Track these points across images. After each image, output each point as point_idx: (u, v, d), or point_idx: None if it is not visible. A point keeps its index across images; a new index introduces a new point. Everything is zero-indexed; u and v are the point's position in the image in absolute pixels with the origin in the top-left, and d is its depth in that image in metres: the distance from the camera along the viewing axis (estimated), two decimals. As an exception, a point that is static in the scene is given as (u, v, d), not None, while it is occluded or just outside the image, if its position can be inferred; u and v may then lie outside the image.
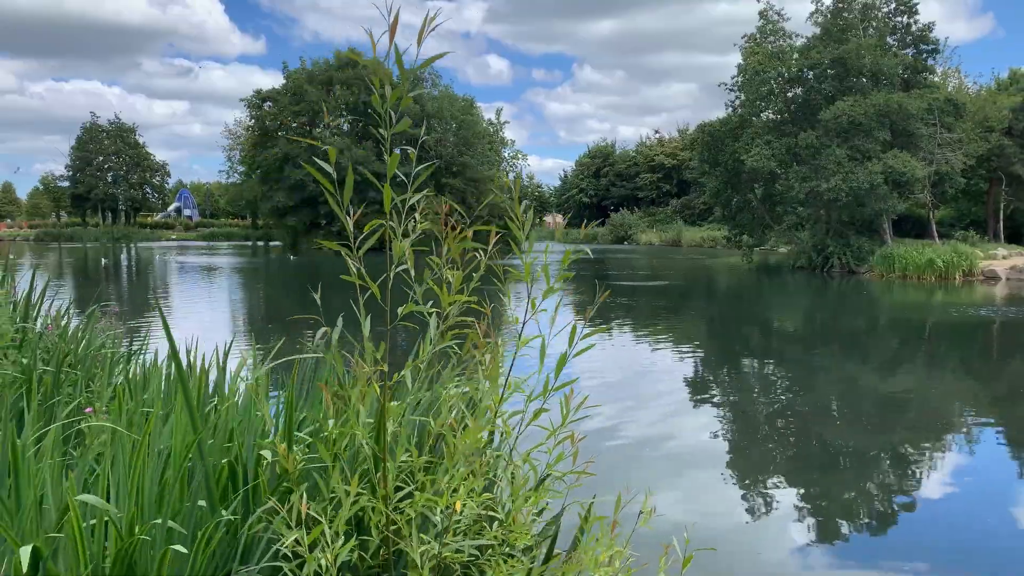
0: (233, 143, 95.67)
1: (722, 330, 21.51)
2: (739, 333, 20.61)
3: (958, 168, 39.60)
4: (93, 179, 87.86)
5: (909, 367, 15.67)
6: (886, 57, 39.83)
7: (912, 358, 16.91)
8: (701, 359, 15.93)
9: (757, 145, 41.14)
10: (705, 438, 9.61)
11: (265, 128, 68.91)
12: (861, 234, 40.18)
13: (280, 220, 70.50)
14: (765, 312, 26.34)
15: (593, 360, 13.26)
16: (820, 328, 22.17)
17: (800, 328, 22.34)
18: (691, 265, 49.39)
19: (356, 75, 68.84)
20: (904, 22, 43.10)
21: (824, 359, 16.24)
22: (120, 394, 4.03)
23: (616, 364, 14.26)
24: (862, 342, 18.78)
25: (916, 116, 38.32)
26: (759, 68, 42.38)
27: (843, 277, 37.74)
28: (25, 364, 4.70)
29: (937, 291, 31.74)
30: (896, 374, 14.85)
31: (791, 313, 26.22)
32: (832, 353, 17.13)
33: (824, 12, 42.53)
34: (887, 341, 19.36)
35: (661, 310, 25.53)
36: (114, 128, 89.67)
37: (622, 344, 17.06)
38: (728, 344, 18.56)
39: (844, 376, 14.32)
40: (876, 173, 36.79)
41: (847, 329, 20.94)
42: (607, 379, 12.75)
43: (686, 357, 15.96)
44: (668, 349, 16.89)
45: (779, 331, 21.73)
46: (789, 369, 15.01)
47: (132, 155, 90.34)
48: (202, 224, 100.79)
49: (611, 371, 13.46)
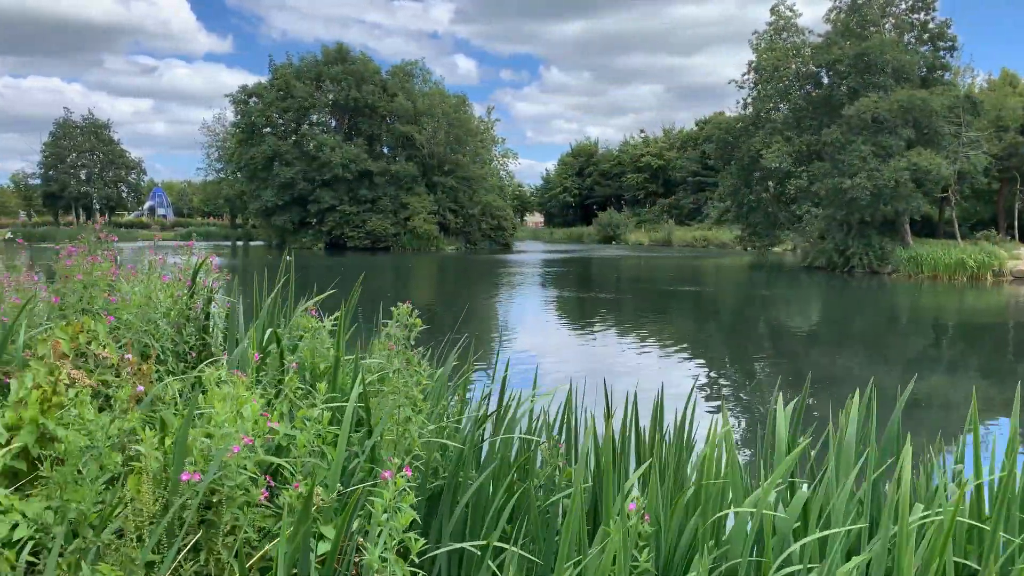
0: (211, 141, 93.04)
1: (820, 347, 20.16)
2: (840, 349, 19.17)
3: (981, 167, 39.09)
4: (66, 176, 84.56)
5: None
6: (907, 54, 39.26)
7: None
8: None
9: (776, 142, 40.31)
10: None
11: (251, 125, 66.64)
12: (882, 234, 39.50)
13: (267, 220, 68.38)
14: (841, 323, 23.18)
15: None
16: (923, 341, 19.90)
17: (895, 341, 20.06)
18: (702, 267, 48.40)
19: (346, 71, 66.99)
20: (921, 19, 42.57)
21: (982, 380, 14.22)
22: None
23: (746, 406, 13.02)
24: (990, 361, 16.81)
25: (939, 113, 37.73)
26: (776, 64, 41.60)
27: (866, 278, 36.95)
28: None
29: (978, 292, 31.07)
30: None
31: (867, 323, 23.29)
32: (966, 374, 15.37)
33: (843, 8, 41.84)
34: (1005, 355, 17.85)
35: (730, 324, 23.32)
36: (88, 124, 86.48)
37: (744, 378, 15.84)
38: (838, 363, 17.37)
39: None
40: (902, 170, 36.10)
41: (946, 341, 19.61)
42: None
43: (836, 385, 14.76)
44: (779, 375, 15.70)
45: (881, 345, 20.19)
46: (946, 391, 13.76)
47: (106, 152, 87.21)
48: (178, 223, 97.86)
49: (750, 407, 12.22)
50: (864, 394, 3.13)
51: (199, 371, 3.52)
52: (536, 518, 2.84)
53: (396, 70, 70.48)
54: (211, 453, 2.52)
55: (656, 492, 2.79)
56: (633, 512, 2.48)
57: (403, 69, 70.89)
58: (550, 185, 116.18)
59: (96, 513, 2.51)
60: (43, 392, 2.99)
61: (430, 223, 65.42)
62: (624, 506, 2.50)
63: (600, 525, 2.65)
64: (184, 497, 2.44)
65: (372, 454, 2.84)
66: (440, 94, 70.48)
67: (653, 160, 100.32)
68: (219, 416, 2.56)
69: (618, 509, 2.56)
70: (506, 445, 3.03)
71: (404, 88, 68.06)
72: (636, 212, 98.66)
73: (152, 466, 2.52)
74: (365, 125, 67.92)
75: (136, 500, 2.46)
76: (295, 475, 2.68)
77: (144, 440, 2.55)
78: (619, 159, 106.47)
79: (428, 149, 67.88)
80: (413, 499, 2.27)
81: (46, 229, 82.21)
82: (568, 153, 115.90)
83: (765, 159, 40.27)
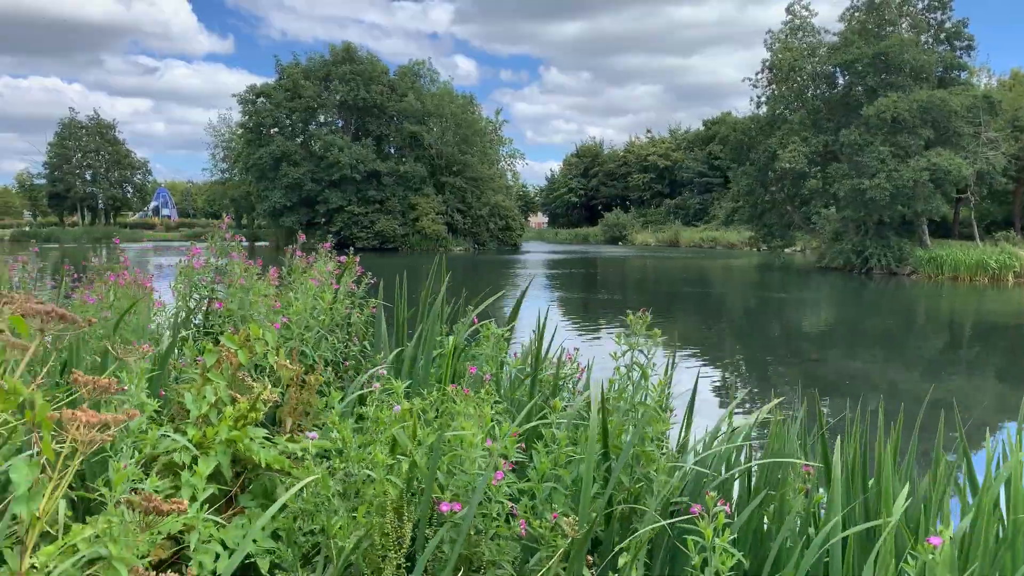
0: (216, 141, 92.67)
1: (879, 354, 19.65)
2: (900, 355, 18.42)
3: (999, 167, 38.82)
4: (72, 177, 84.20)
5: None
6: (925, 54, 39.01)
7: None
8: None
9: (793, 142, 40.04)
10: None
11: (259, 125, 66.30)
12: (899, 235, 39.24)
13: (275, 220, 68.03)
14: (889, 327, 22.09)
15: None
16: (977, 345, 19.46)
17: (946, 345, 19.49)
18: (719, 268, 48.14)
19: (353, 70, 66.63)
20: (937, 19, 42.31)
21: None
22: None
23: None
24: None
25: (958, 113, 37.47)
26: (793, 64, 41.36)
27: (885, 279, 36.67)
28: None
29: (1003, 294, 30.83)
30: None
31: (912, 327, 22.64)
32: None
33: (860, 8, 41.57)
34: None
35: (772, 328, 22.47)
36: (93, 124, 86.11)
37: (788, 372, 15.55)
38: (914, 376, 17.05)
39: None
40: (921, 171, 35.84)
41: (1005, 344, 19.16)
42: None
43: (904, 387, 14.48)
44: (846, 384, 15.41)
45: (933, 350, 19.40)
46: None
47: (112, 152, 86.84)
48: (183, 224, 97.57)
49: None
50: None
51: (366, 381, 3.26)
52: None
53: (404, 70, 70.20)
54: (462, 479, 2.25)
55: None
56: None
57: (411, 69, 70.62)
58: (555, 185, 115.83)
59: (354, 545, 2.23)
60: (238, 409, 2.72)
61: (438, 224, 65.13)
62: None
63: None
64: (443, 528, 2.16)
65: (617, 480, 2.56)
66: (448, 94, 70.24)
67: (659, 160, 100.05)
68: (471, 439, 2.29)
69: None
70: (768, 470, 2.74)
71: (413, 88, 67.76)
72: (642, 213, 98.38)
73: (392, 493, 2.25)
74: (373, 125, 67.61)
75: (381, 531, 2.19)
76: (541, 503, 2.40)
77: (377, 462, 2.27)
78: (624, 159, 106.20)
79: (436, 149, 67.58)
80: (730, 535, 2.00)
81: (50, 229, 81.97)
82: (573, 153, 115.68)
83: (781, 159, 39.98)
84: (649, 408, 2.58)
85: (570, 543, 2.29)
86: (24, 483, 1.56)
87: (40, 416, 1.65)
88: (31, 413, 1.72)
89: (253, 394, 2.73)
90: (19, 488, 1.56)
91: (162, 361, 3.17)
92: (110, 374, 2.42)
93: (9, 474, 1.57)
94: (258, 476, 2.72)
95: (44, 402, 1.67)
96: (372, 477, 2.29)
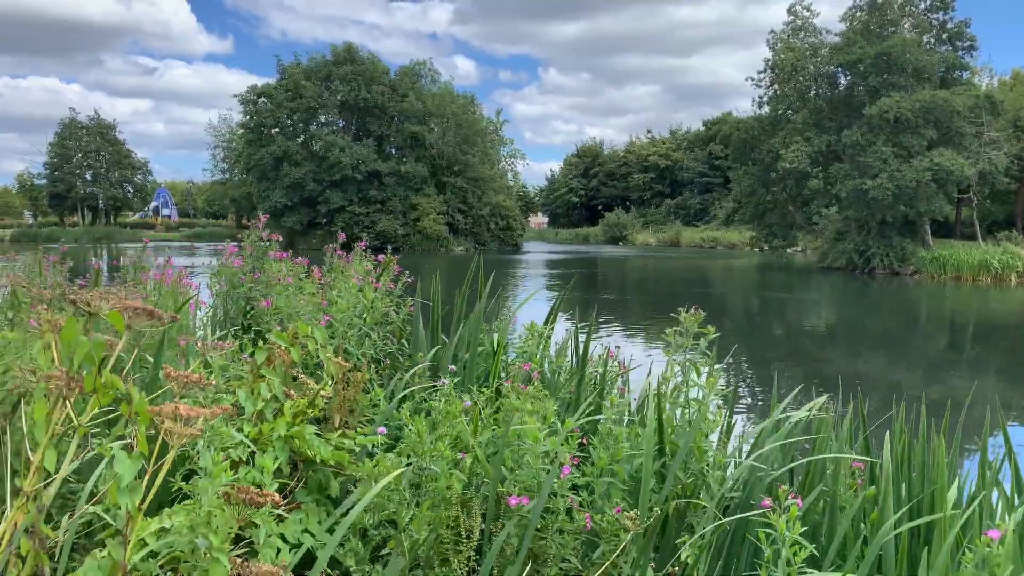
0: (217, 141, 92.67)
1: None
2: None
3: (1002, 167, 38.87)
4: (72, 177, 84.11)
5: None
6: (927, 54, 39.05)
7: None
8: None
9: (796, 142, 40.08)
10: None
11: (260, 125, 66.30)
12: (902, 235, 39.28)
13: (276, 220, 67.99)
14: (901, 328, 22.08)
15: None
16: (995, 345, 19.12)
17: (963, 345, 19.40)
18: (722, 268, 48.18)
19: (355, 71, 66.60)
20: (939, 19, 42.36)
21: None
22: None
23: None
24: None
25: (961, 114, 37.52)
26: (795, 64, 41.39)
27: (888, 279, 36.69)
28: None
29: (1007, 293, 30.87)
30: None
31: (922, 328, 22.53)
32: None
33: (862, 8, 41.63)
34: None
35: (785, 331, 22.41)
36: (93, 124, 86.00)
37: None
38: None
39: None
40: (924, 171, 35.88)
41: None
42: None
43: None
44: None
45: (950, 350, 19.27)
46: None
47: (112, 152, 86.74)
48: (184, 224, 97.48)
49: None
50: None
51: (415, 376, 3.28)
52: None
53: (405, 71, 70.19)
54: (527, 473, 2.28)
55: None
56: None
57: (412, 70, 70.62)
58: (555, 186, 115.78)
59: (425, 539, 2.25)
60: (296, 405, 2.75)
61: (439, 224, 65.13)
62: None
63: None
64: (510, 523, 2.19)
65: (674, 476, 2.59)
66: (449, 94, 70.24)
67: (660, 160, 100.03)
68: (533, 433, 2.31)
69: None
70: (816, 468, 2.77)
71: (414, 88, 67.77)
72: (642, 213, 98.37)
73: (456, 487, 2.27)
74: (374, 125, 67.58)
75: (447, 524, 2.21)
76: (600, 498, 2.43)
77: (445, 456, 2.30)
78: (625, 159, 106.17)
79: (437, 149, 67.57)
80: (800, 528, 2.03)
81: (51, 230, 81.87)
82: (573, 153, 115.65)
83: (784, 159, 40.02)
84: (705, 405, 2.61)
85: (631, 537, 2.32)
86: (128, 475, 1.58)
87: (139, 409, 1.67)
88: (127, 407, 1.74)
89: (309, 391, 2.75)
90: (123, 479, 1.58)
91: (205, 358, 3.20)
92: (195, 369, 2.44)
93: (113, 465, 1.59)
94: (314, 471, 2.75)
95: (141, 396, 1.69)
96: (436, 472, 2.32)
